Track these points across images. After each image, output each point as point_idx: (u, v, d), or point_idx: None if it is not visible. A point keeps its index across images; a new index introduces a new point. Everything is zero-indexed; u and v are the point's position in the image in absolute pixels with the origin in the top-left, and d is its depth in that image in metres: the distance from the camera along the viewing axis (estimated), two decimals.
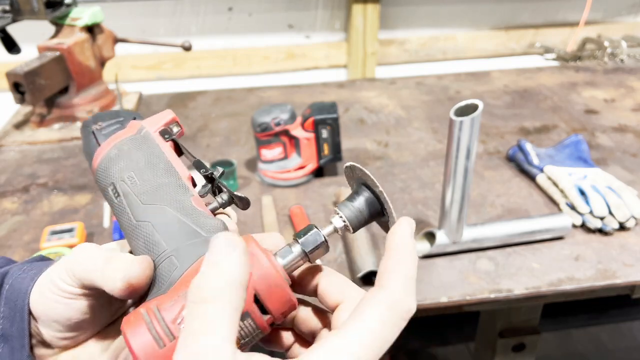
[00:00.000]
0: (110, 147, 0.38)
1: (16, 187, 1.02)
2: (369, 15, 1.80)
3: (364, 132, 1.21)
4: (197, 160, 0.38)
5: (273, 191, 0.97)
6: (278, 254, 0.32)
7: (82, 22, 1.21)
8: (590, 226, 0.83)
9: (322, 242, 0.32)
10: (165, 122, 0.40)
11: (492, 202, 0.93)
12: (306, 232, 0.32)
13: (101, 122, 0.41)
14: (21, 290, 0.34)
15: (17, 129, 1.23)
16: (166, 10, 1.77)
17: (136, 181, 0.36)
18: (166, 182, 0.36)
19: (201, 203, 0.36)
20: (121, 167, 0.37)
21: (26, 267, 0.36)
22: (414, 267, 0.30)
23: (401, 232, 0.31)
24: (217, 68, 1.86)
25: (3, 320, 0.34)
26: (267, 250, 0.31)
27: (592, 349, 1.69)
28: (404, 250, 0.30)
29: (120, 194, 0.36)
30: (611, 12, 2.04)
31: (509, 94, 1.41)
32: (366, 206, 0.32)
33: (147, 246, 0.33)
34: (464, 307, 0.73)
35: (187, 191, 0.36)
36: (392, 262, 0.30)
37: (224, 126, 1.26)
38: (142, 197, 0.35)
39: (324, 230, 0.32)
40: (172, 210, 0.34)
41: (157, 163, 0.37)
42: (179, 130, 0.41)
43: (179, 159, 0.39)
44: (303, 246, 0.32)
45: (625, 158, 1.06)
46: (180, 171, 0.37)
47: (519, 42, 2.02)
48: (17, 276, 0.35)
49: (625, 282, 0.74)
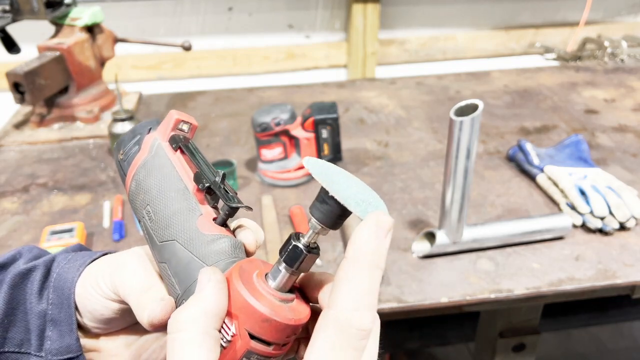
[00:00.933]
0: (130, 180, 0.41)
1: (16, 187, 1.02)
2: (369, 15, 1.80)
3: (364, 132, 1.21)
4: (197, 173, 0.39)
5: (273, 191, 0.97)
6: (269, 276, 0.31)
7: (82, 22, 1.21)
8: (590, 226, 0.83)
9: (304, 254, 0.31)
10: (172, 125, 0.41)
11: (492, 202, 0.93)
12: (286, 246, 0.31)
13: (123, 147, 0.43)
14: (67, 279, 0.37)
15: (17, 129, 1.23)
16: (166, 10, 1.77)
17: (152, 216, 0.38)
18: (176, 209, 0.37)
19: (208, 220, 0.37)
20: (140, 202, 0.39)
21: (71, 256, 0.39)
22: (370, 278, 0.27)
23: (360, 235, 0.28)
24: (217, 68, 1.86)
25: (52, 307, 0.37)
26: (260, 278, 0.31)
27: (592, 349, 1.69)
28: (359, 259, 0.27)
29: (145, 231, 0.38)
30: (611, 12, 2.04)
31: (509, 94, 1.41)
32: (333, 203, 0.30)
33: (168, 289, 0.36)
34: (464, 307, 0.73)
35: (195, 212, 0.37)
36: (342, 274, 0.27)
37: (224, 126, 1.26)
38: (158, 234, 0.37)
39: (304, 238, 0.31)
40: (181, 246, 0.35)
41: (168, 187, 0.39)
42: (189, 126, 0.42)
43: (190, 166, 0.40)
44: (287, 263, 0.31)
45: (626, 158, 1.06)
46: (190, 184, 0.39)
47: (519, 42, 2.02)
48: (64, 265, 0.38)
49: (625, 282, 0.74)
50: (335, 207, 0.30)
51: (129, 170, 0.41)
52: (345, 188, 0.30)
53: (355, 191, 0.30)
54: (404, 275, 0.75)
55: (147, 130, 0.43)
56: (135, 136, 0.43)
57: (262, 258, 0.79)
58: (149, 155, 0.40)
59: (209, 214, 0.37)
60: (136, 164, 0.41)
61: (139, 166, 0.40)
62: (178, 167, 0.40)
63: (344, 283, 0.27)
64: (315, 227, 0.31)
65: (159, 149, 0.41)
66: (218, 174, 0.39)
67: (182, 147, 0.41)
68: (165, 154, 0.40)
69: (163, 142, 0.41)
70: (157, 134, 0.42)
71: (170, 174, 0.39)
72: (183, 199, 0.38)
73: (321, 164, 0.32)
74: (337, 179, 0.31)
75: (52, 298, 0.37)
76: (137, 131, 0.43)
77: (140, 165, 0.40)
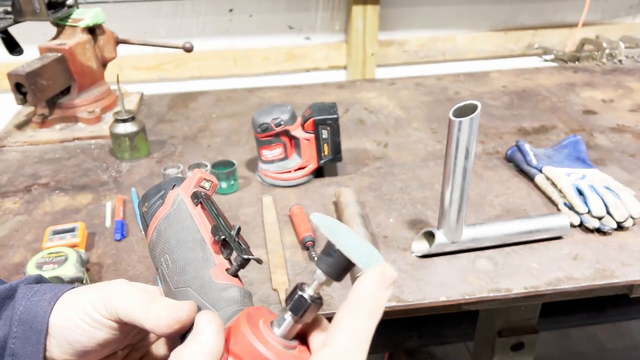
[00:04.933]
0: (152, 230, 0.44)
1: (18, 187, 1.03)
2: (369, 17, 1.80)
3: (363, 133, 1.21)
4: (214, 226, 0.42)
5: (273, 191, 0.98)
6: (275, 323, 0.33)
7: (84, 23, 1.22)
8: (588, 226, 0.84)
9: (308, 305, 0.32)
10: (195, 182, 0.45)
11: (491, 202, 0.94)
12: (292, 296, 0.33)
13: (147, 201, 0.46)
14: (38, 313, 0.36)
15: (19, 130, 1.24)
16: (167, 11, 1.77)
17: (169, 264, 0.41)
18: (192, 258, 0.40)
19: (222, 270, 0.40)
20: (160, 251, 0.42)
21: (36, 288, 0.38)
22: (368, 325, 0.28)
23: (365, 283, 0.29)
24: (218, 69, 1.87)
25: (15, 340, 0.36)
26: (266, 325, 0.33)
27: (591, 348, 1.69)
28: (360, 305, 0.29)
29: (162, 278, 0.41)
30: (609, 13, 2.05)
31: (508, 95, 1.41)
32: (340, 256, 0.32)
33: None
34: (463, 307, 0.74)
35: (210, 262, 0.40)
36: (342, 316, 0.29)
37: (225, 126, 1.27)
38: (174, 281, 0.40)
39: (310, 289, 0.33)
40: (194, 293, 0.38)
41: (186, 238, 0.41)
42: (210, 184, 0.46)
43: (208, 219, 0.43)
44: (292, 312, 0.33)
45: (624, 158, 1.07)
46: (207, 236, 0.42)
47: (517, 43, 2.02)
48: (30, 298, 0.37)
49: (623, 282, 0.75)
50: (340, 260, 0.32)
51: (152, 222, 0.44)
52: (349, 242, 0.32)
53: (358, 245, 0.32)
54: (403, 275, 0.76)
55: (171, 186, 0.46)
56: (160, 191, 0.46)
57: (262, 258, 0.80)
58: (172, 209, 0.44)
59: (222, 265, 0.40)
60: (159, 216, 0.44)
61: (161, 218, 0.43)
62: (197, 220, 0.43)
63: (344, 325, 0.29)
64: (320, 278, 0.33)
65: (181, 203, 0.44)
66: (234, 227, 0.41)
67: (203, 202, 0.44)
68: (186, 207, 0.43)
69: (185, 197, 0.44)
70: (181, 189, 0.45)
71: (189, 226, 0.42)
72: (200, 249, 0.41)
73: (328, 220, 0.34)
74: (342, 233, 0.33)
75: (16, 332, 0.36)
76: (162, 187, 0.47)
77: (163, 217, 0.43)
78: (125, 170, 1.08)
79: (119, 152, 1.10)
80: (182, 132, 1.24)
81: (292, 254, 0.81)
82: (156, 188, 0.47)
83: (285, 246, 0.83)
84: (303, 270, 0.77)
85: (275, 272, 0.76)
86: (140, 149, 1.11)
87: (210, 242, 0.41)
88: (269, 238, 0.84)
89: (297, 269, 0.78)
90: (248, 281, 0.75)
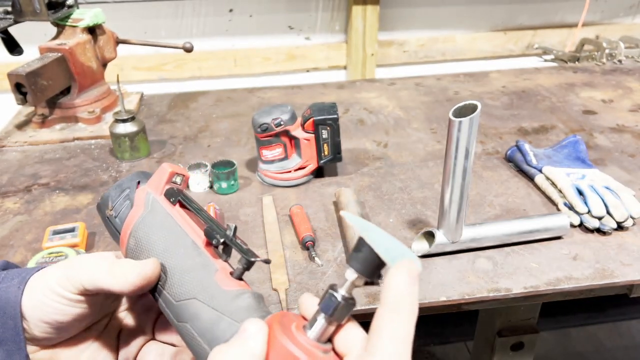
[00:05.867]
0: (127, 237, 0.40)
1: (18, 187, 1.03)
2: (369, 17, 1.80)
3: (363, 133, 1.21)
4: (207, 228, 0.39)
5: (273, 191, 0.98)
6: (307, 326, 0.32)
7: (84, 23, 1.22)
8: (588, 226, 0.84)
9: (339, 303, 0.31)
10: (165, 179, 0.41)
11: (491, 202, 0.94)
12: (324, 296, 0.32)
13: (111, 202, 0.42)
14: (9, 299, 0.37)
15: (19, 130, 1.24)
16: (167, 11, 1.77)
17: (161, 275, 0.38)
18: (189, 266, 0.37)
19: (226, 276, 0.37)
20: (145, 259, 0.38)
21: (4, 275, 0.39)
22: (409, 325, 0.28)
23: (396, 282, 0.28)
24: (218, 69, 1.87)
25: None
26: (299, 331, 0.32)
27: (590, 347, 1.69)
28: (399, 307, 0.28)
29: (156, 293, 0.38)
30: (609, 13, 2.05)
31: (508, 95, 1.42)
32: (369, 251, 0.31)
33: (194, 350, 0.35)
34: (463, 306, 0.74)
35: (211, 268, 0.37)
36: (382, 322, 0.28)
37: (225, 126, 1.27)
38: (173, 293, 0.37)
39: (342, 290, 0.32)
40: (203, 304, 0.35)
41: (175, 243, 0.38)
42: (182, 178, 0.42)
43: (191, 219, 0.40)
44: (324, 312, 0.32)
45: (623, 158, 1.07)
46: (198, 239, 0.38)
47: (517, 44, 2.03)
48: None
49: (623, 282, 0.75)
50: (369, 256, 0.31)
51: (124, 228, 0.40)
52: (379, 238, 0.31)
53: (388, 241, 0.32)
54: None
55: (135, 184, 0.42)
56: (122, 191, 0.42)
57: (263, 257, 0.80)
58: (146, 211, 0.40)
59: (225, 269, 0.37)
60: (132, 221, 0.40)
61: (136, 223, 0.39)
62: (180, 222, 0.39)
63: (386, 331, 0.28)
64: (351, 276, 0.32)
65: (155, 203, 0.40)
66: (229, 227, 0.38)
67: (182, 200, 0.40)
68: (163, 209, 0.40)
69: (158, 196, 0.40)
70: (149, 187, 0.41)
71: (173, 229, 0.39)
72: (195, 254, 0.37)
73: (359, 219, 0.33)
74: (372, 229, 0.32)
75: None
76: (124, 185, 0.42)
77: (138, 222, 0.39)
78: (126, 171, 1.08)
79: (119, 152, 1.10)
80: (183, 132, 1.24)
81: (292, 254, 0.81)
82: (117, 187, 0.43)
83: (285, 246, 0.83)
84: (303, 270, 0.77)
85: (275, 272, 0.76)
86: (141, 149, 1.11)
87: (203, 245, 0.38)
88: (269, 238, 0.84)
89: (297, 269, 0.78)
90: (248, 281, 0.75)
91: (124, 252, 0.41)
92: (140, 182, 0.42)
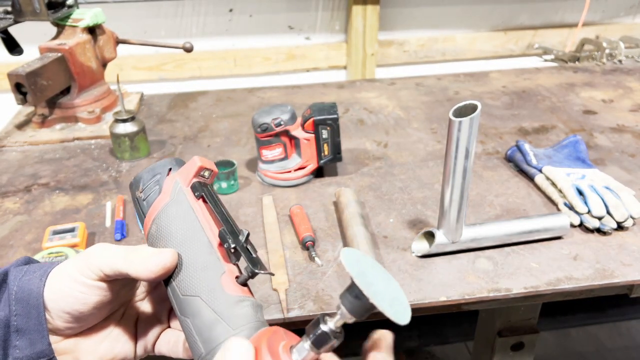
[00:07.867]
0: (151, 222, 0.41)
1: (18, 187, 1.03)
2: (369, 17, 1.80)
3: (363, 133, 1.21)
4: (222, 230, 0.39)
5: (273, 191, 0.98)
6: (294, 351, 0.33)
7: (84, 23, 1.22)
8: (588, 226, 0.84)
9: (328, 338, 0.32)
10: (194, 171, 0.42)
11: (491, 202, 0.94)
12: (315, 328, 0.33)
13: (142, 184, 0.44)
14: (32, 290, 0.38)
15: (19, 130, 1.24)
16: (167, 11, 1.77)
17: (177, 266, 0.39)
18: (202, 263, 0.38)
19: (231, 279, 0.38)
20: (162, 246, 0.40)
21: (26, 269, 0.41)
22: None
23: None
24: (218, 69, 1.87)
25: (17, 317, 0.38)
26: (285, 353, 0.32)
27: (591, 348, 1.69)
28: None
29: (167, 282, 0.39)
30: (609, 13, 2.05)
31: (508, 95, 1.42)
32: (368, 303, 0.32)
33: (190, 345, 0.36)
34: (463, 306, 0.74)
35: (219, 270, 0.38)
36: None
37: (225, 126, 1.27)
38: (182, 285, 0.38)
39: (332, 323, 0.33)
40: (205, 304, 0.36)
41: (192, 238, 0.39)
42: (210, 173, 0.43)
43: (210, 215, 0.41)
44: (313, 345, 0.33)
45: (624, 158, 1.07)
46: (213, 239, 0.39)
47: (517, 43, 2.03)
48: (22, 278, 0.39)
49: (623, 282, 0.75)
50: (368, 306, 0.32)
51: (149, 212, 0.42)
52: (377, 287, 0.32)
53: (385, 289, 0.33)
54: (403, 275, 0.76)
55: (167, 170, 0.43)
56: (154, 175, 0.44)
57: (262, 258, 0.80)
58: (171, 200, 0.41)
59: (231, 272, 0.38)
60: (157, 207, 0.41)
61: (160, 210, 0.41)
62: (201, 218, 0.40)
63: None
64: (345, 316, 0.33)
65: (181, 194, 0.41)
66: (242, 232, 0.39)
67: (205, 197, 0.41)
68: (187, 201, 0.41)
69: (185, 187, 0.42)
70: (179, 176, 0.42)
71: (193, 224, 0.40)
72: (207, 253, 0.38)
73: (356, 257, 0.33)
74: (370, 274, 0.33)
75: (16, 309, 0.38)
76: (156, 170, 0.44)
77: (162, 209, 0.41)
78: (126, 170, 1.08)
79: (119, 152, 1.10)
80: (182, 132, 1.24)
81: (292, 254, 0.81)
82: (151, 170, 0.44)
83: (285, 246, 0.83)
84: (303, 271, 0.77)
85: (275, 272, 0.76)
86: (141, 149, 1.11)
87: (216, 245, 0.39)
88: (269, 238, 0.84)
89: (297, 269, 0.78)
90: None
91: (145, 235, 0.43)
92: (171, 169, 0.44)
